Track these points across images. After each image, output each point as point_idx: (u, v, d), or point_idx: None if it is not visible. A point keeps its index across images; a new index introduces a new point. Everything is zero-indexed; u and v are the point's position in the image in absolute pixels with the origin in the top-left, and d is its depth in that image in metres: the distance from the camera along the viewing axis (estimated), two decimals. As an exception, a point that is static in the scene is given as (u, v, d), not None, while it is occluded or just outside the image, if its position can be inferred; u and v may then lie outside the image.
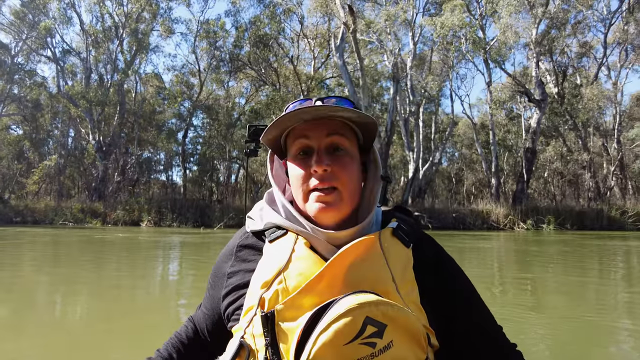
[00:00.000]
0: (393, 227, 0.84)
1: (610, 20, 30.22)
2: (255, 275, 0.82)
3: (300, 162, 0.87)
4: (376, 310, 0.67)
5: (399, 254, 0.80)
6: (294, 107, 0.88)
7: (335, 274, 0.75)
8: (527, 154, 23.50)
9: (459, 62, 27.27)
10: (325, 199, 0.83)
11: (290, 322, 0.72)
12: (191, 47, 31.81)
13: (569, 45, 33.78)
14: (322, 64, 31.83)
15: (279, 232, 0.86)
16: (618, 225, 18.92)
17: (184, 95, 31.55)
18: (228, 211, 20.92)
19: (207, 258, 7.94)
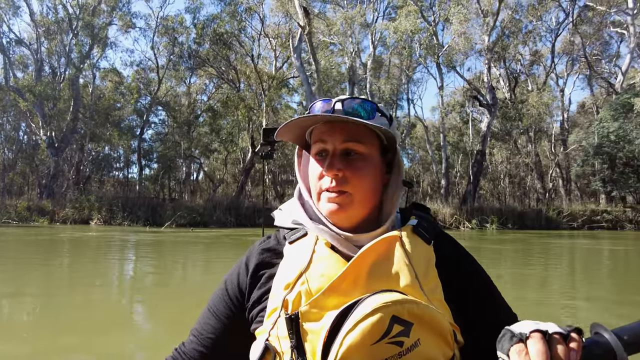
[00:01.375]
0: (413, 225, 0.84)
1: (557, 31, 31.87)
2: (277, 277, 0.82)
3: (317, 162, 0.87)
4: (402, 309, 0.67)
5: (420, 251, 0.79)
6: (315, 110, 0.88)
7: (358, 274, 0.74)
8: (477, 156, 24.50)
9: (414, 66, 27.98)
10: (336, 200, 0.83)
11: (315, 323, 0.72)
12: (150, 42, 31.21)
13: (522, 53, 35.46)
14: (284, 64, 31.95)
15: (299, 234, 0.86)
16: (555, 225, 20.06)
17: (142, 92, 30.93)
18: (180, 210, 20.71)
19: (133, 257, 7.94)
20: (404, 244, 0.78)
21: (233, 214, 21.65)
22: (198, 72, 32.94)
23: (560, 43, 33.68)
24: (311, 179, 0.88)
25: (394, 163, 0.91)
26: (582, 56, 31.83)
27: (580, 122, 31.61)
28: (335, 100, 0.86)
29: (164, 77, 31.10)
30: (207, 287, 5.11)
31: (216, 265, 7.01)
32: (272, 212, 0.97)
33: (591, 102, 32.61)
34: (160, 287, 4.94)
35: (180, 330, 3.15)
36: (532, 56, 34.94)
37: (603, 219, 20.35)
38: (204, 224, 20.73)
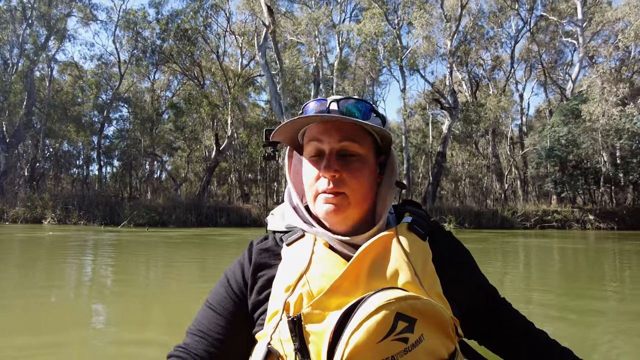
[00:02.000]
0: (408, 222, 0.84)
1: (516, 38, 33.14)
2: (277, 280, 0.81)
3: (312, 164, 0.86)
4: (405, 305, 0.67)
5: (417, 247, 0.80)
6: (308, 110, 0.88)
7: (358, 273, 0.75)
8: (437, 157, 25.15)
9: (378, 68, 28.41)
10: (333, 201, 0.82)
11: (318, 324, 0.71)
12: (112, 36, 30.28)
13: (484, 58, 36.69)
14: (250, 62, 31.73)
15: (296, 235, 0.85)
16: (509, 225, 20.87)
17: (103, 87, 29.95)
18: (138, 209, 20.21)
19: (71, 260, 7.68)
20: (400, 242, 0.79)
21: (194, 214, 21.30)
22: (162, 68, 32.26)
23: (519, 50, 35.13)
24: (306, 181, 0.87)
25: (387, 163, 0.92)
26: (538, 63, 33.29)
27: (536, 126, 32.98)
28: (330, 100, 0.86)
29: (126, 72, 30.22)
30: (157, 291, 5.04)
31: (175, 268, 6.90)
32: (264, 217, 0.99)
33: (546, 107, 34.08)
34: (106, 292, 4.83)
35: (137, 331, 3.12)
36: (494, 61, 36.23)
37: (553, 218, 21.36)
38: (163, 224, 20.31)
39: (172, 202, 22.21)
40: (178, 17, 27.84)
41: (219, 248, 10.55)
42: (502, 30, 34.48)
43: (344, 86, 26.07)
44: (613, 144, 21.25)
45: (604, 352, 2.75)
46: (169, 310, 3.70)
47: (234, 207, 22.18)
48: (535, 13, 31.42)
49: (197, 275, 5.98)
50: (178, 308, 3.76)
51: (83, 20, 30.18)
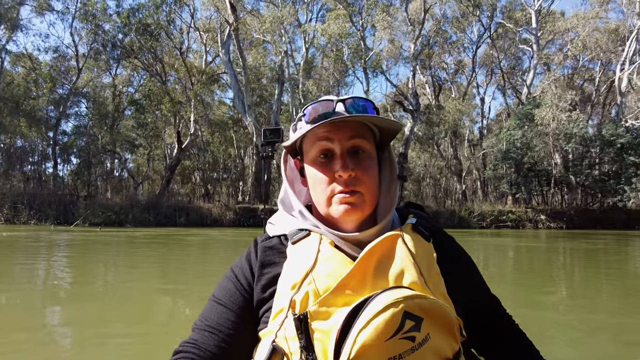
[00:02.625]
0: (413, 223, 0.85)
1: (478, 44, 34.19)
2: (283, 278, 0.81)
3: (321, 166, 0.84)
4: (413, 304, 0.68)
5: (422, 248, 0.80)
6: (310, 113, 0.86)
7: (364, 272, 0.75)
8: (399, 158, 25.61)
9: (340, 69, 28.62)
10: (349, 200, 0.82)
11: (325, 322, 0.71)
12: (69, 28, 29.04)
13: (447, 62, 37.67)
14: (215, 58, 31.23)
15: (301, 234, 0.84)
16: (466, 224, 21.54)
17: (58, 80, 28.65)
18: (94, 208, 19.51)
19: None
20: (406, 242, 0.79)
21: (152, 213, 20.77)
22: (124, 63, 31.24)
23: (481, 55, 36.28)
24: (317, 185, 0.85)
25: (384, 158, 0.92)
26: (498, 68, 34.48)
27: (495, 129, 34.16)
28: (336, 101, 0.85)
29: (84, 66, 29.06)
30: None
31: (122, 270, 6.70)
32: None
33: (505, 111, 35.34)
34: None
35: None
36: (456, 65, 37.24)
37: (508, 218, 22.21)
38: (120, 223, 19.70)
39: (130, 201, 21.56)
40: (140, 12, 27.04)
41: (163, 250, 10.34)
42: (464, 35, 35.47)
43: (308, 86, 26.07)
44: (563, 147, 22.31)
45: (554, 343, 2.88)
46: (129, 314, 3.60)
47: (194, 207, 21.78)
48: (496, 20, 32.54)
49: (140, 279, 5.85)
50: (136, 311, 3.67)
51: (37, 9, 28.77)
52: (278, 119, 24.33)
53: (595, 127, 24.40)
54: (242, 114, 21.73)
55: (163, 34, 28.35)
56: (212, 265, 7.46)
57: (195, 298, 4.37)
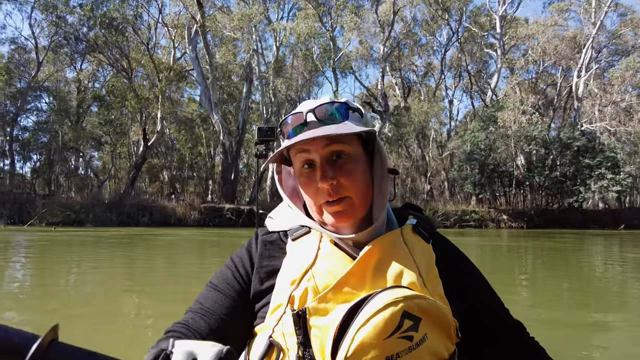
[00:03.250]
0: (413, 224, 0.83)
1: (446, 47, 34.94)
2: (282, 273, 0.80)
3: (306, 177, 0.83)
4: (412, 304, 0.67)
5: (422, 249, 0.80)
6: (287, 126, 0.84)
7: (364, 271, 0.74)
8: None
9: (309, 69, 28.67)
10: (338, 208, 0.80)
11: (323, 319, 0.71)
12: (27, 19, 27.86)
13: (417, 64, 38.33)
14: (183, 55, 30.64)
15: (302, 231, 0.84)
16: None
17: (15, 73, 27.47)
18: (52, 207, 18.82)
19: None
20: (406, 242, 0.79)
21: (115, 213, 20.21)
22: (89, 57, 30.24)
23: (450, 58, 37.07)
24: (306, 196, 0.84)
25: (374, 153, 0.88)
26: (465, 71, 35.34)
27: (461, 131, 34.98)
28: (306, 112, 0.83)
29: (45, 59, 27.96)
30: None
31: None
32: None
33: (472, 113, 36.24)
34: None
35: None
36: (426, 68, 37.95)
37: (471, 218, 22.78)
38: (79, 223, 19.08)
39: (91, 200, 20.90)
40: (104, 5, 26.20)
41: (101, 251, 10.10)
42: (433, 38, 36.17)
43: (277, 84, 25.97)
44: (524, 149, 23.07)
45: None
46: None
47: (158, 206, 21.33)
48: (464, 24, 33.32)
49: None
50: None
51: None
52: (246, 117, 24.10)
53: (560, 131, 25.35)
54: (208, 112, 21.41)
55: (130, 29, 27.62)
56: (157, 268, 7.33)
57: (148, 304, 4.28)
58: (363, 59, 34.60)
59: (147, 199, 23.27)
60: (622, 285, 5.94)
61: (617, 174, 22.17)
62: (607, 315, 4.05)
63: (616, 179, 22.00)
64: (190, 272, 6.40)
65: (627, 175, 22.22)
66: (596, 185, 22.38)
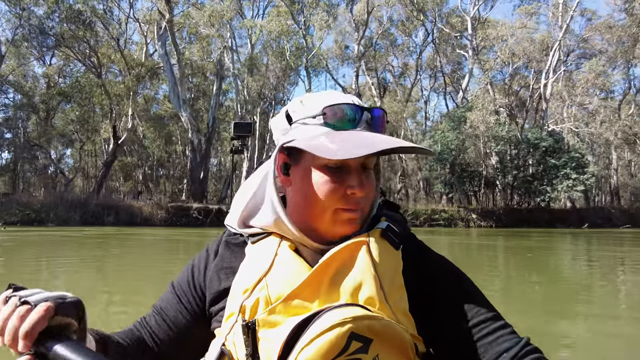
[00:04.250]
0: (382, 228, 0.76)
1: (421, 47, 35.23)
2: (237, 279, 0.76)
3: (333, 176, 0.74)
4: (362, 325, 0.63)
5: (388, 257, 0.73)
6: (336, 112, 0.73)
7: (320, 282, 0.69)
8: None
9: (285, 67, 28.53)
10: (354, 216, 0.75)
11: (273, 332, 0.67)
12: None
13: (393, 65, 38.54)
14: (156, 51, 30.10)
15: (262, 234, 0.79)
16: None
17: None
18: (9, 206, 18.21)
19: None
20: (370, 250, 0.72)
21: (79, 212, 19.69)
22: (58, 52, 29.42)
23: (425, 59, 37.39)
24: (320, 194, 0.75)
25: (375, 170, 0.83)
26: (440, 72, 35.71)
27: (433, 131, 35.29)
28: (363, 109, 0.75)
29: (7, 52, 27.06)
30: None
31: None
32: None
33: (445, 114, 36.63)
34: None
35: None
36: (402, 68, 38.17)
37: (441, 217, 23.01)
38: (40, 222, 18.52)
39: (54, 199, 20.31)
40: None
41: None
42: (409, 39, 36.42)
43: (247, 82, 25.75)
44: (493, 149, 23.43)
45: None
46: None
47: (124, 205, 20.88)
48: (438, 25, 33.61)
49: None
50: None
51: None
52: (216, 114, 23.78)
53: (528, 132, 25.82)
54: (177, 109, 21.06)
55: (99, 24, 26.95)
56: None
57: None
58: (338, 58, 34.64)
59: (114, 198, 22.72)
60: (587, 282, 6.08)
61: (582, 174, 22.74)
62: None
63: (580, 179, 22.57)
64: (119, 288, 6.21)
65: (590, 175, 22.82)
66: (562, 185, 22.89)
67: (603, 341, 3.16)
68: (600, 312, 4.10)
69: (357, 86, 28.17)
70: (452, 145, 23.80)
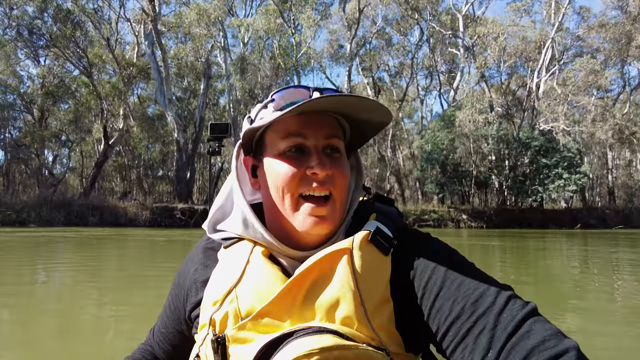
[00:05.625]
0: (370, 231, 0.70)
1: (416, 47, 34.87)
2: (209, 288, 0.73)
3: (291, 159, 0.71)
4: (331, 356, 0.59)
5: (373, 267, 0.67)
6: (284, 97, 0.73)
7: (293, 298, 0.65)
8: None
9: (273, 66, 28.33)
10: (321, 211, 0.70)
11: (242, 349, 0.64)
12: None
13: (388, 64, 38.22)
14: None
15: (234, 239, 0.75)
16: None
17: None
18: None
19: None
20: (353, 259, 0.66)
21: (63, 213, 19.57)
22: (49, 52, 29.39)
23: (421, 58, 37.03)
24: (279, 182, 0.72)
25: (352, 164, 0.81)
26: (435, 72, 35.35)
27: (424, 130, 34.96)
28: (312, 89, 0.73)
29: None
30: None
31: None
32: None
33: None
34: None
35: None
36: (397, 68, 37.85)
37: (430, 217, 22.69)
38: (22, 223, 18.40)
39: (38, 199, 20.21)
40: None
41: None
42: (405, 38, 36.09)
43: (234, 81, 25.57)
44: (483, 149, 23.10)
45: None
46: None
47: (109, 206, 20.72)
48: (432, 24, 33.26)
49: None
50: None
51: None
52: (203, 114, 23.61)
53: (519, 131, 25.43)
54: (163, 108, 20.91)
55: (90, 23, 26.87)
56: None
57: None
58: (333, 58, 34.37)
59: (100, 199, 22.59)
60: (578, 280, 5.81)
61: (574, 174, 22.35)
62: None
63: (572, 179, 22.18)
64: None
65: (582, 175, 22.42)
66: (553, 185, 22.51)
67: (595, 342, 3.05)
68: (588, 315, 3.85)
69: (350, 85, 27.88)
70: (442, 145, 23.50)
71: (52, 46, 26.30)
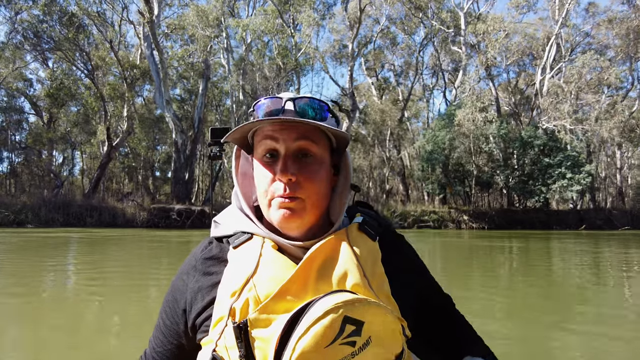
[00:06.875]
0: (359, 222, 0.81)
1: (421, 46, 34.44)
2: (223, 284, 0.77)
3: (266, 165, 0.80)
4: (353, 308, 0.65)
5: (367, 248, 0.78)
6: (260, 108, 0.81)
7: (307, 276, 0.72)
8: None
9: (273, 66, 28.24)
10: (289, 205, 0.77)
11: (265, 330, 0.68)
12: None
13: (394, 64, 37.82)
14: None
15: (243, 237, 0.80)
16: (388, 223, 21.57)
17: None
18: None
19: None
20: (350, 243, 0.77)
21: (62, 213, 19.77)
22: (55, 55, 29.83)
23: (427, 57, 36.59)
24: (259, 184, 0.81)
25: (341, 165, 0.87)
26: (440, 70, 34.87)
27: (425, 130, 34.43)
28: (285, 99, 0.80)
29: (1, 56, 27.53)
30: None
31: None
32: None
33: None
34: None
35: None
36: (402, 67, 37.45)
37: (430, 218, 22.29)
38: (19, 224, 18.63)
39: (37, 200, 20.47)
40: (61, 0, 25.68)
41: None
42: (410, 38, 35.70)
43: (231, 81, 25.56)
44: (483, 148, 22.60)
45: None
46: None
47: (107, 207, 20.87)
48: (434, 23, 32.79)
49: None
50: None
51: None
52: (202, 115, 23.62)
53: (522, 130, 24.84)
54: (161, 109, 20.98)
55: (94, 26, 27.17)
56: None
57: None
58: (336, 58, 34.16)
59: (98, 200, 22.78)
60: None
61: (577, 173, 21.67)
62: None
63: (575, 179, 21.51)
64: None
65: (586, 174, 21.71)
66: (556, 185, 21.87)
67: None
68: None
69: (352, 85, 27.64)
70: (442, 144, 23.09)
71: (57, 49, 26.67)
